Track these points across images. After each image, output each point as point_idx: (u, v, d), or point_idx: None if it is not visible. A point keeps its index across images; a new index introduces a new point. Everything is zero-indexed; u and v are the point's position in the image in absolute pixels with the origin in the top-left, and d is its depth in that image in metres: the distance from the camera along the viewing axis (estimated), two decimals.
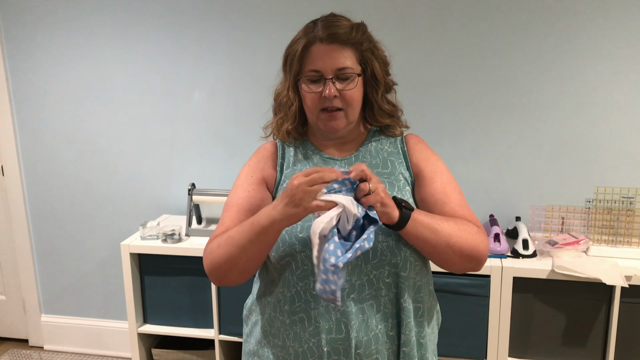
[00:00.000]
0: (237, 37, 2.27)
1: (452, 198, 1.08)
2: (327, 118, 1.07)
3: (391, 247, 1.01)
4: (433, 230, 0.97)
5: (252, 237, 0.96)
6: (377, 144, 1.15)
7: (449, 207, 1.06)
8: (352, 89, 1.05)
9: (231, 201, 1.10)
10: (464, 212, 1.07)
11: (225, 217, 1.08)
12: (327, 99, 1.04)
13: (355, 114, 1.10)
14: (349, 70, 1.05)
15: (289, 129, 1.13)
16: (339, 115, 1.06)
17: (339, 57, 1.04)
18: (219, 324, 2.11)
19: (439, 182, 1.09)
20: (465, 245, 1.00)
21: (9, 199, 2.63)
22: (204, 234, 2.20)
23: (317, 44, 1.04)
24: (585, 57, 2.03)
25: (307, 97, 1.07)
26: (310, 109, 1.08)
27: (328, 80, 1.04)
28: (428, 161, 1.13)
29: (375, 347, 1.02)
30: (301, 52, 1.05)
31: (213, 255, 1.02)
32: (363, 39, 1.07)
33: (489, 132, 2.16)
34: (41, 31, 2.41)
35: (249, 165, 1.15)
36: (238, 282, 1.04)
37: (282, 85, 1.13)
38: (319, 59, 1.04)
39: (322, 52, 1.04)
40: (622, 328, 1.78)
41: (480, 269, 1.06)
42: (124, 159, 2.48)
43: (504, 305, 1.83)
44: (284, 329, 1.06)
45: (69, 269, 2.66)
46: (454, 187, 1.10)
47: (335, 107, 1.05)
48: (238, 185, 1.12)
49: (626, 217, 1.92)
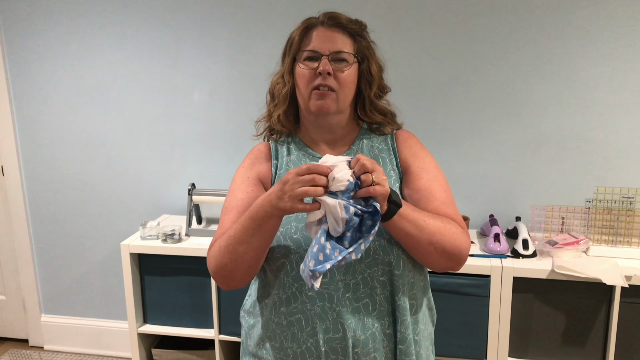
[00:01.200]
0: (237, 37, 2.27)
1: (437, 196, 1.06)
2: (318, 97, 1.06)
3: (383, 245, 1.01)
4: (418, 226, 0.96)
5: (254, 230, 0.95)
6: (368, 141, 1.15)
7: (433, 205, 1.04)
8: (347, 70, 1.06)
9: (230, 204, 1.10)
10: (448, 210, 1.05)
11: (225, 220, 1.07)
12: (321, 77, 1.04)
13: (347, 100, 1.09)
14: (346, 55, 1.06)
15: (280, 115, 1.13)
16: (331, 95, 1.06)
17: (338, 41, 1.06)
18: (219, 324, 2.12)
19: (424, 179, 1.08)
20: (447, 244, 0.99)
21: (9, 199, 2.63)
22: (204, 234, 2.20)
23: (319, 27, 1.07)
24: (586, 57, 2.03)
25: (301, 74, 1.07)
26: (302, 88, 1.08)
27: (324, 57, 1.05)
28: (416, 157, 1.12)
29: (372, 345, 1.03)
30: (301, 33, 1.07)
31: (217, 256, 1.02)
32: (363, 34, 1.10)
33: (489, 132, 2.16)
34: (41, 31, 2.41)
35: (243, 167, 1.15)
36: (244, 280, 1.03)
37: (278, 73, 1.14)
38: (318, 40, 1.06)
39: (322, 34, 1.07)
40: (622, 328, 1.78)
41: (460, 268, 1.05)
42: (124, 159, 2.48)
43: (504, 305, 1.83)
44: (282, 331, 1.06)
45: (69, 269, 2.66)
46: (440, 184, 1.08)
47: (327, 86, 1.05)
48: (235, 188, 1.12)
49: (626, 217, 1.92)
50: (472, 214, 2.20)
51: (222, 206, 1.11)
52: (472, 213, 2.20)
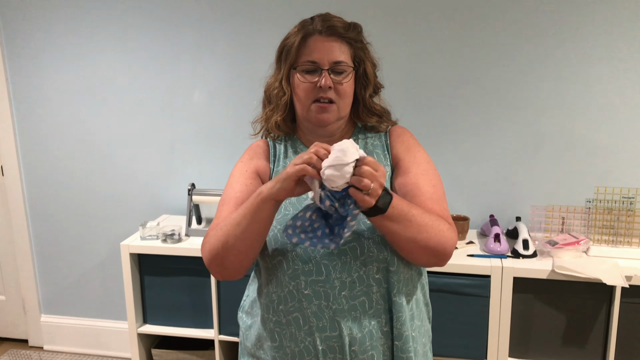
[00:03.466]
0: (237, 37, 2.27)
1: (424, 190, 1.04)
2: (318, 110, 1.07)
3: (377, 243, 1.01)
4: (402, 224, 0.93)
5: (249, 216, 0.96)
6: (362, 140, 1.16)
7: (419, 199, 1.02)
8: (346, 82, 1.07)
9: (228, 196, 1.09)
10: (434, 206, 1.02)
11: (222, 211, 1.07)
12: (321, 90, 1.05)
13: (347, 109, 1.11)
14: (344, 65, 1.07)
15: (278, 121, 1.13)
16: (332, 108, 1.07)
17: (336, 50, 1.06)
18: (218, 324, 2.11)
19: (412, 173, 1.07)
20: (431, 241, 0.96)
21: (9, 199, 2.63)
22: (204, 234, 2.18)
23: (316, 35, 1.06)
24: (586, 58, 2.03)
25: (301, 87, 1.07)
26: (302, 100, 1.08)
27: (324, 71, 1.05)
28: (408, 151, 1.11)
29: (369, 343, 1.02)
30: (299, 43, 1.06)
31: (210, 241, 1.02)
32: (358, 38, 1.10)
33: (489, 132, 2.15)
34: (41, 31, 2.41)
35: (241, 161, 1.16)
36: (238, 270, 1.02)
37: (274, 77, 1.13)
38: (316, 50, 1.06)
39: (319, 43, 1.06)
40: (622, 328, 1.77)
41: (444, 265, 1.02)
42: (124, 159, 2.48)
43: (504, 305, 1.83)
44: (280, 329, 1.06)
45: (68, 269, 2.66)
46: (429, 178, 1.07)
47: (328, 99, 1.06)
48: (233, 181, 1.12)
49: (626, 217, 1.92)
50: (472, 214, 2.20)
51: (220, 198, 1.11)
52: (472, 213, 2.20)
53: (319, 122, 1.09)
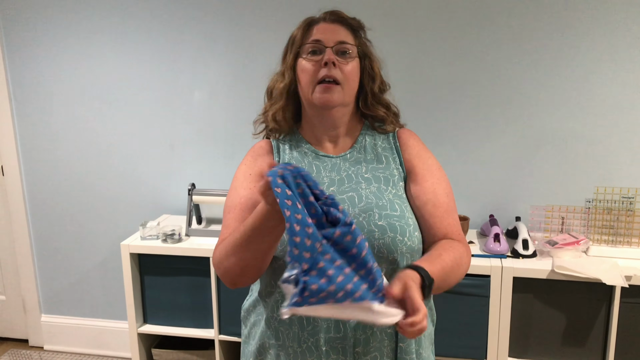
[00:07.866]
0: (237, 37, 2.27)
1: (442, 202, 1.08)
2: (323, 90, 1.06)
3: (388, 244, 1.01)
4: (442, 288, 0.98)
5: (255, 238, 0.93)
6: (371, 139, 1.15)
7: (438, 212, 1.07)
8: (349, 63, 1.08)
9: (233, 202, 1.09)
10: (450, 221, 1.07)
11: (230, 219, 1.06)
12: (325, 67, 1.05)
13: (351, 94, 1.10)
14: (349, 46, 1.08)
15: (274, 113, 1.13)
16: (336, 88, 1.06)
17: (340, 32, 1.09)
18: (219, 324, 2.11)
19: (429, 182, 1.09)
20: (460, 277, 1.04)
21: (9, 199, 2.63)
22: (204, 234, 2.20)
23: (321, 22, 1.10)
24: (586, 57, 2.03)
25: (305, 68, 1.08)
26: (306, 81, 1.08)
27: (328, 48, 1.06)
28: (420, 158, 1.12)
29: (373, 344, 1.02)
30: (304, 30, 1.10)
31: (222, 261, 1.00)
32: (363, 31, 1.13)
33: (489, 132, 2.16)
34: (41, 31, 2.41)
35: (245, 164, 1.14)
36: (253, 279, 1.03)
37: (278, 72, 1.15)
38: (320, 32, 1.08)
39: (324, 27, 1.09)
40: (622, 328, 1.78)
41: None
42: (124, 159, 2.48)
43: (504, 305, 1.83)
44: (283, 329, 1.06)
45: (69, 269, 2.66)
46: (444, 187, 1.10)
47: (333, 78, 1.05)
48: (237, 185, 1.11)
49: (626, 217, 1.92)
50: (472, 214, 2.20)
51: (224, 204, 1.10)
52: (472, 213, 2.20)
53: (323, 103, 1.06)
